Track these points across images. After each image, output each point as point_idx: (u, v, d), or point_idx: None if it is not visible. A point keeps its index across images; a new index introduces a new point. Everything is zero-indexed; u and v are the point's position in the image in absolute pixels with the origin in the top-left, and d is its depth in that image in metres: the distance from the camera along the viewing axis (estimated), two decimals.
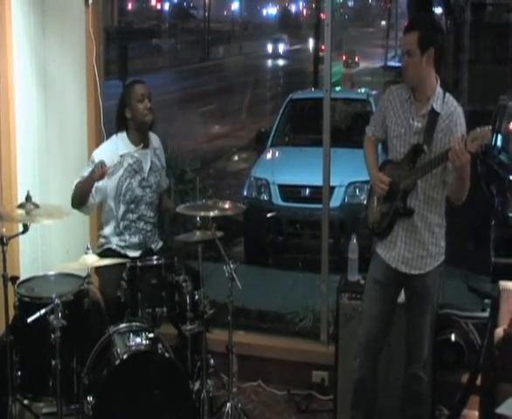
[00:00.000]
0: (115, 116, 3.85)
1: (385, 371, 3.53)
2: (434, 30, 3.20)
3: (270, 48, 33.28)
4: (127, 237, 3.82)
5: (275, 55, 31.74)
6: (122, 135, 3.81)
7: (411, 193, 3.20)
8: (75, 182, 3.72)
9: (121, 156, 3.74)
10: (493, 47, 12.78)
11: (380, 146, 3.56)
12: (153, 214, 3.89)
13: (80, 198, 3.70)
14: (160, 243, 3.96)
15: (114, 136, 3.86)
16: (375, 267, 3.38)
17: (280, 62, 29.68)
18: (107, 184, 3.72)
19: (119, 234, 3.82)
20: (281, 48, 33.46)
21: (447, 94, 3.20)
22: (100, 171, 3.54)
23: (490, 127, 2.91)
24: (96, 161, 3.68)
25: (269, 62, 30.24)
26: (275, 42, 33.81)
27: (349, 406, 3.51)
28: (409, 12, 13.10)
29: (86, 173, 3.69)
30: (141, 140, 3.80)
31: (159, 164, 3.93)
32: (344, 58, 27.97)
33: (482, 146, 2.90)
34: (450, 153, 2.93)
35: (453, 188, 3.12)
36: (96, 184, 3.65)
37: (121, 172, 3.75)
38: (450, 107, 3.17)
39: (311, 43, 26.56)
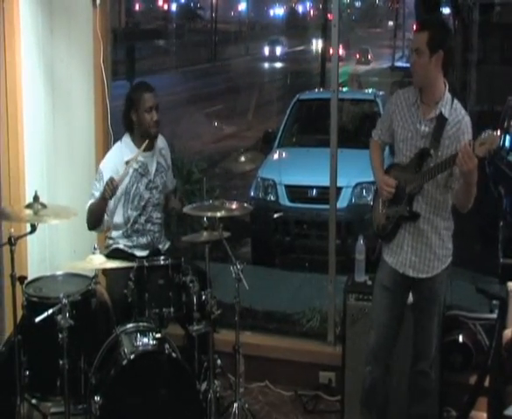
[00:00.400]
0: (122, 114, 3.86)
1: (393, 371, 3.52)
2: (445, 32, 3.19)
3: (267, 51, 31.98)
4: (134, 239, 3.84)
5: (280, 56, 31.42)
6: (127, 140, 3.82)
7: (417, 197, 3.19)
8: (88, 204, 3.72)
9: (127, 163, 3.73)
10: (501, 47, 12.73)
11: (387, 149, 3.55)
12: (160, 215, 3.90)
13: (96, 219, 3.72)
14: (167, 244, 3.97)
15: (118, 142, 3.88)
16: (382, 273, 3.37)
17: (286, 63, 29.49)
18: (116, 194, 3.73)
19: (127, 236, 3.83)
20: (279, 51, 31.97)
21: (455, 100, 3.18)
22: (110, 187, 3.55)
23: (499, 132, 2.88)
24: (103, 172, 3.70)
25: (275, 63, 30.11)
26: (272, 44, 32.30)
27: (359, 409, 3.50)
28: (416, 13, 13.07)
29: (95, 191, 3.71)
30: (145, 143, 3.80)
31: (165, 164, 3.93)
32: (358, 56, 28.50)
33: (491, 151, 2.87)
34: (458, 158, 2.91)
35: (460, 195, 3.10)
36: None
37: (127, 180, 3.75)
38: (458, 115, 3.15)
39: (316, 43, 26.39)
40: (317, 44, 26.16)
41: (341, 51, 28.23)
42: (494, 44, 12.85)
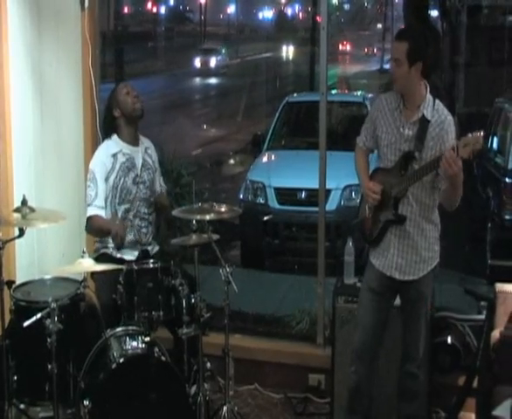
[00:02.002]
0: (102, 124, 3.90)
1: (381, 372, 3.54)
2: (425, 44, 3.18)
3: (198, 62, 23.33)
4: None
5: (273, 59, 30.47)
6: (114, 137, 3.85)
7: (403, 200, 3.21)
8: (90, 214, 3.70)
9: (113, 155, 3.76)
10: (489, 50, 12.80)
11: (376, 151, 3.56)
12: (147, 210, 3.89)
13: (97, 235, 3.78)
14: (156, 248, 3.96)
15: (105, 140, 3.89)
16: (369, 276, 3.39)
17: (280, 65, 29.06)
18: (104, 189, 3.73)
19: None
20: (213, 62, 23.23)
21: (437, 101, 3.21)
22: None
23: (482, 133, 2.89)
24: (94, 170, 3.73)
25: (265, 65, 29.79)
26: (204, 55, 23.78)
27: (345, 411, 3.51)
28: (405, 15, 13.12)
29: (91, 191, 3.71)
30: (132, 136, 3.83)
31: (151, 163, 3.94)
32: (366, 50, 30.96)
33: (474, 152, 2.89)
34: (442, 161, 2.94)
35: (446, 196, 3.13)
36: (99, 195, 3.71)
37: (114, 174, 3.76)
38: (441, 116, 3.17)
39: (287, 49, 25.40)
40: (287, 50, 25.46)
41: (349, 48, 29.14)
42: (482, 47, 12.91)
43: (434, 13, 14.56)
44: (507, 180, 6.67)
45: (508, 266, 3.89)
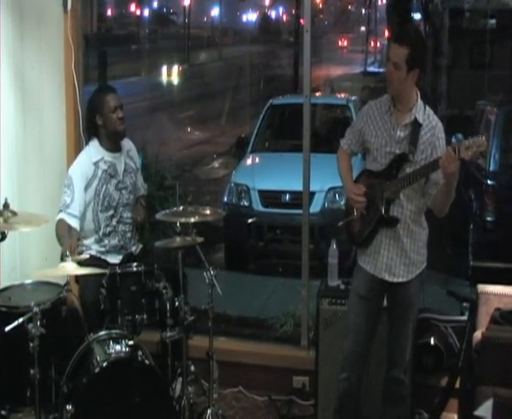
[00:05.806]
0: (85, 122, 3.86)
1: (368, 376, 3.54)
2: (424, 50, 3.22)
3: None
4: (106, 242, 3.82)
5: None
6: (94, 143, 3.82)
7: (395, 201, 3.21)
8: (58, 217, 3.65)
9: (95, 163, 3.74)
10: (471, 52, 12.91)
11: (361, 155, 3.57)
12: (130, 214, 3.89)
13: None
14: (140, 246, 3.95)
15: (86, 147, 3.88)
16: (358, 281, 3.37)
17: (260, 66, 29.00)
18: (85, 197, 3.71)
19: (99, 241, 3.81)
20: None
21: (427, 107, 3.23)
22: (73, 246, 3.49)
23: (484, 137, 2.90)
24: (73, 177, 3.70)
25: (248, 66, 29.71)
26: None
27: (332, 416, 3.50)
28: (388, 18, 13.22)
29: (66, 197, 3.67)
30: (113, 145, 3.80)
31: (133, 166, 3.94)
32: (373, 43, 31.01)
33: (477, 154, 2.89)
34: (441, 160, 2.95)
35: (438, 200, 3.13)
36: (74, 202, 3.66)
37: (96, 182, 3.74)
38: (431, 121, 3.20)
39: (169, 69, 23.39)
40: (171, 71, 23.46)
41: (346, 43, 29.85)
42: (464, 49, 13.02)
43: (417, 16, 14.67)
44: (488, 182, 6.72)
45: (489, 268, 3.93)
